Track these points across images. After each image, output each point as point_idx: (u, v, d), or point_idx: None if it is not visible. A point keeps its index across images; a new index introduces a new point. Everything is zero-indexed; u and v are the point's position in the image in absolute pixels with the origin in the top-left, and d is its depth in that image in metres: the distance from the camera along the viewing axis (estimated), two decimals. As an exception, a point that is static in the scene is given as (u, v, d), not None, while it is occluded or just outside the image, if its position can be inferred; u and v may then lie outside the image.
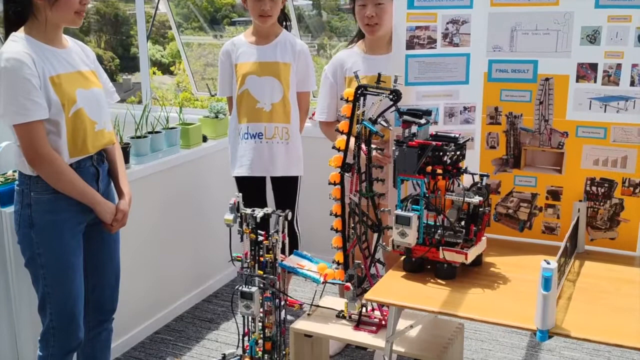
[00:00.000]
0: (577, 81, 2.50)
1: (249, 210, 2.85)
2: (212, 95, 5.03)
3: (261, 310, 2.86)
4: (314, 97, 3.90)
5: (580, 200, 2.54)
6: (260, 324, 2.90)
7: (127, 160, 3.22)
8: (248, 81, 3.41)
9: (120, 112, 3.22)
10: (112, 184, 2.53)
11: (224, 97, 3.60)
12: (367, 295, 2.26)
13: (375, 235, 2.62)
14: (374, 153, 2.56)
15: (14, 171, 2.49)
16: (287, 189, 3.51)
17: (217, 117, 3.92)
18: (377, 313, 2.73)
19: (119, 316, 3.17)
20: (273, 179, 3.53)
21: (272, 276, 2.83)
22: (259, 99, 3.40)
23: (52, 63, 2.25)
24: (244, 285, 2.80)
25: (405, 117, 2.36)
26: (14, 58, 2.16)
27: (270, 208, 2.88)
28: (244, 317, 2.91)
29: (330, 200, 2.69)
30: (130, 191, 2.54)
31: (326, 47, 8.84)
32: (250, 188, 3.46)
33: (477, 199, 2.28)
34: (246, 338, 2.94)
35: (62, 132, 2.27)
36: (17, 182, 2.37)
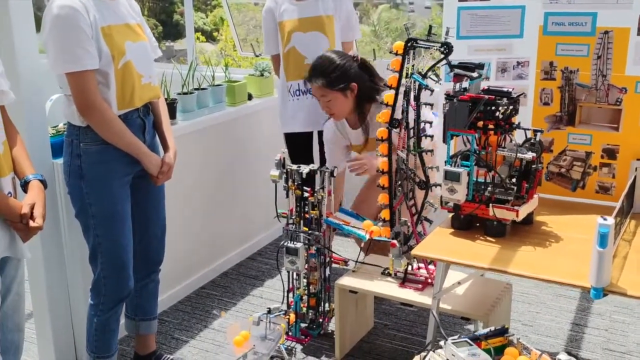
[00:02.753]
0: (638, 34, 2.39)
1: (294, 166, 2.84)
2: (257, 56, 5.00)
3: (306, 266, 2.87)
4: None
5: (638, 159, 2.45)
6: (305, 280, 2.92)
7: (173, 116, 3.23)
8: (294, 38, 3.40)
9: (167, 71, 3.22)
10: (158, 137, 2.54)
11: (270, 55, 3.59)
12: (414, 251, 2.24)
13: (423, 192, 2.59)
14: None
15: (65, 124, 2.51)
16: None
17: (262, 75, 3.89)
18: (422, 271, 2.71)
19: (165, 271, 3.22)
20: (321, 133, 3.52)
21: (317, 232, 2.83)
22: (306, 55, 3.38)
23: (103, 13, 2.25)
24: (289, 242, 2.81)
25: (457, 71, 2.30)
26: (68, 5, 2.15)
27: (316, 164, 2.87)
28: (288, 273, 2.94)
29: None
30: (175, 145, 2.55)
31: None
32: (300, 144, 3.49)
33: (530, 155, 2.21)
34: (290, 294, 2.96)
35: (111, 84, 2.26)
36: (66, 133, 2.39)
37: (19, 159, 1.98)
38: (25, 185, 1.97)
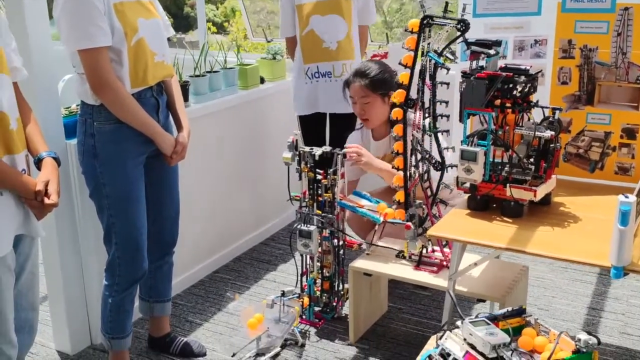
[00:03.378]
0: (660, 10, 2.33)
1: (307, 149, 2.81)
2: (268, 41, 4.97)
3: (319, 249, 2.85)
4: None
5: (659, 139, 2.40)
6: (318, 263, 2.89)
7: (186, 99, 3.21)
8: (312, 21, 3.39)
9: (179, 56, 3.20)
10: (171, 117, 2.52)
11: (285, 37, 3.57)
12: (430, 232, 2.21)
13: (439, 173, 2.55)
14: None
15: (78, 105, 2.49)
16: (347, 125, 3.49)
17: (274, 58, 3.86)
18: (438, 254, 2.68)
19: (178, 254, 3.21)
20: (333, 115, 3.52)
21: (330, 215, 2.80)
22: (324, 39, 3.39)
23: None
24: (302, 224, 2.79)
25: (474, 48, 2.26)
26: None
27: (329, 147, 2.84)
28: (302, 256, 2.91)
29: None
30: (189, 125, 2.52)
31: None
32: (314, 126, 3.50)
33: (548, 133, 2.17)
34: (304, 278, 2.94)
35: (124, 62, 2.24)
36: (79, 113, 2.36)
37: (33, 137, 1.96)
38: (38, 163, 1.95)
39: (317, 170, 2.81)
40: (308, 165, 2.80)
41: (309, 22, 3.39)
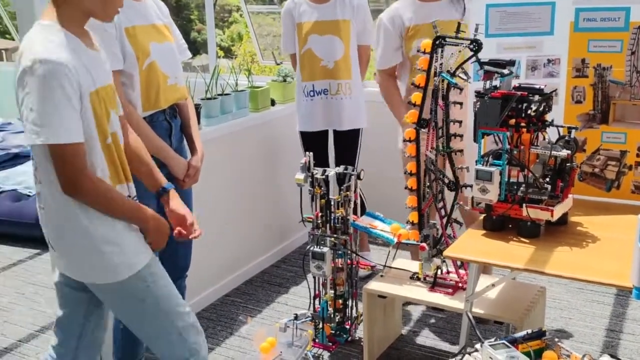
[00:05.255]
0: (674, 28, 2.33)
1: (319, 170, 2.80)
2: (278, 64, 5.00)
3: (332, 264, 2.81)
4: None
5: (676, 157, 2.38)
6: (331, 282, 2.86)
7: (198, 122, 3.21)
8: (310, 40, 3.44)
9: (190, 80, 3.22)
10: (185, 140, 2.52)
11: (288, 54, 3.63)
12: (446, 252, 2.19)
13: (453, 193, 2.54)
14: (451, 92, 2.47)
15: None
16: (350, 142, 3.55)
17: (285, 80, 3.88)
18: (453, 275, 2.65)
19: (189, 278, 3.19)
20: (336, 133, 3.56)
21: (343, 236, 2.78)
22: (322, 57, 3.44)
23: (128, 14, 2.23)
24: (315, 246, 2.77)
25: (487, 67, 2.26)
26: None
27: (341, 167, 2.83)
28: (314, 278, 2.89)
29: (393, 161, 2.62)
30: (203, 148, 2.52)
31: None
32: (315, 143, 3.54)
33: (564, 152, 2.16)
34: (317, 300, 2.91)
35: (136, 85, 2.25)
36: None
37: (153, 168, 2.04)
38: (164, 194, 2.04)
39: (330, 196, 2.79)
40: (321, 188, 2.79)
41: (307, 41, 3.44)
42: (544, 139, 2.26)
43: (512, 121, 2.20)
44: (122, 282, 1.84)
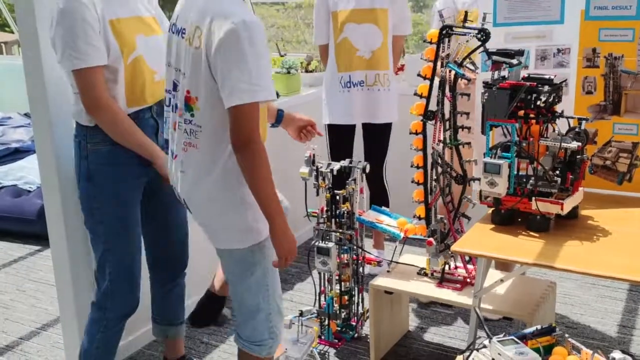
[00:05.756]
0: (687, 16, 2.31)
1: (324, 164, 2.80)
2: (282, 56, 4.98)
3: (337, 259, 2.81)
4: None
5: (689, 149, 2.37)
6: (337, 277, 2.87)
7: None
8: (347, 29, 3.39)
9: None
10: None
11: (319, 45, 3.57)
12: (453, 247, 2.18)
13: (460, 187, 2.53)
14: (459, 83, 2.45)
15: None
16: (382, 136, 3.50)
17: (289, 72, 3.87)
18: (461, 271, 2.65)
19: (192, 274, 3.18)
20: (368, 126, 3.50)
21: (349, 231, 2.78)
22: (358, 47, 3.38)
23: (112, 5, 2.15)
24: (320, 241, 2.77)
25: (495, 58, 2.25)
26: None
27: (347, 160, 2.83)
28: (320, 274, 2.89)
29: (411, 151, 2.61)
30: None
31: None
32: (344, 136, 3.49)
33: (575, 144, 2.15)
34: (322, 296, 2.92)
35: (120, 80, 2.18)
36: (74, 134, 2.29)
37: None
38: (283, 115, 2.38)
39: (335, 190, 2.79)
40: (326, 181, 2.79)
41: (344, 30, 3.38)
42: (554, 130, 2.25)
43: (521, 112, 2.19)
44: (244, 250, 2.00)
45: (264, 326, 2.10)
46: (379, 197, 3.50)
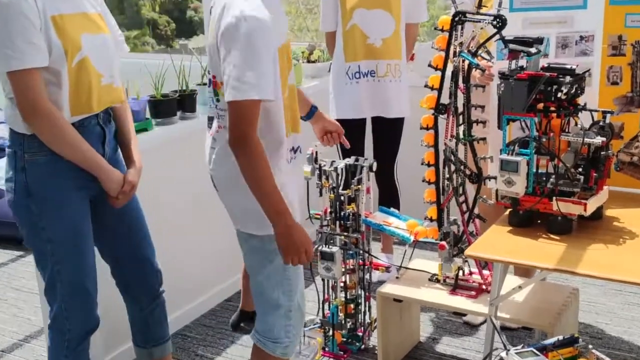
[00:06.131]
0: None
1: (327, 162, 2.80)
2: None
3: (342, 265, 2.81)
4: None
5: None
6: (341, 284, 2.87)
7: (193, 110, 3.23)
8: (356, 15, 3.36)
9: (185, 63, 3.22)
10: (120, 150, 2.37)
11: (326, 31, 3.55)
12: (467, 251, 2.19)
13: (475, 186, 2.53)
14: (473, 73, 2.45)
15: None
16: (393, 132, 3.48)
17: (289, 63, 3.87)
18: (476, 277, 2.65)
19: (186, 282, 3.21)
20: (378, 121, 3.48)
21: (355, 234, 2.78)
22: (369, 34, 3.36)
23: (55, 0, 2.07)
24: (323, 245, 2.77)
25: (512, 46, 2.24)
26: None
27: (352, 158, 2.83)
28: (323, 281, 2.89)
29: (422, 148, 2.62)
30: (141, 161, 2.36)
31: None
32: (352, 132, 3.45)
33: (599, 140, 2.15)
34: (326, 305, 2.92)
35: (64, 84, 2.09)
36: (8, 143, 2.18)
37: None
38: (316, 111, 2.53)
39: (340, 191, 2.79)
40: (329, 181, 2.79)
41: (353, 16, 3.36)
42: (576, 124, 2.25)
43: (541, 105, 2.19)
44: (263, 237, 2.09)
45: (282, 323, 2.16)
46: (389, 197, 3.49)
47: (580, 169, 2.21)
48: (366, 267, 2.87)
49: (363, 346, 2.95)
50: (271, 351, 2.18)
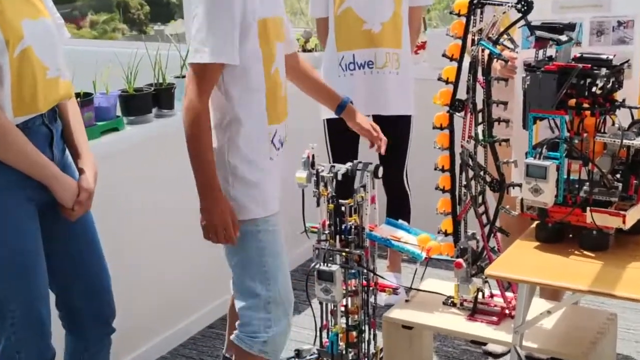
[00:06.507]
0: None
1: (326, 167, 2.80)
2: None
3: (343, 288, 2.81)
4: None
5: None
6: (342, 309, 2.86)
7: (170, 106, 3.23)
8: None
9: (162, 52, 3.23)
10: (69, 152, 2.36)
11: (316, 17, 3.57)
12: (488, 270, 2.19)
13: (496, 195, 2.54)
14: (494, 65, 2.46)
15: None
16: (397, 133, 3.47)
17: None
18: (498, 299, 2.65)
19: (160, 306, 3.21)
20: (377, 119, 3.46)
21: (357, 250, 2.78)
22: (365, 19, 3.38)
23: None
24: (321, 264, 2.77)
25: (540, 33, 2.25)
26: None
27: (355, 162, 2.83)
28: (321, 304, 2.89)
29: (435, 151, 2.62)
30: (95, 163, 2.36)
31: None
32: (346, 134, 3.45)
33: (639, 141, 2.15)
34: (325, 332, 2.92)
35: (5, 80, 2.07)
36: None
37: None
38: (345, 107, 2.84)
39: (340, 200, 2.79)
40: (328, 188, 2.79)
41: None
42: (613, 124, 2.25)
43: (573, 102, 2.19)
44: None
45: (260, 316, 2.39)
46: (398, 207, 3.51)
47: (618, 175, 2.21)
48: (371, 288, 2.86)
49: (367, 380, 2.95)
50: (248, 347, 2.37)
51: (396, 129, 3.46)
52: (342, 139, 3.47)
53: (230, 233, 2.34)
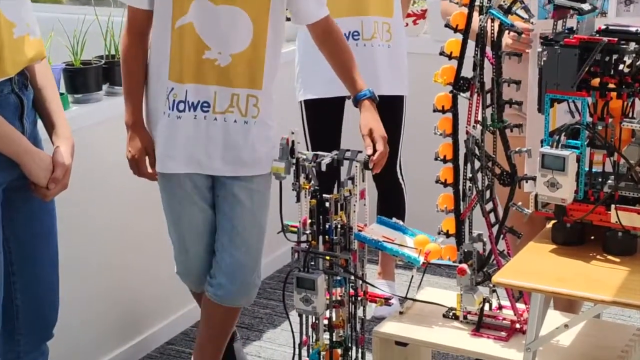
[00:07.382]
0: None
1: (309, 155, 2.81)
2: None
3: (327, 298, 2.82)
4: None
5: None
6: (325, 322, 2.88)
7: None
8: None
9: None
10: (42, 122, 2.42)
11: None
12: (496, 278, 2.21)
13: (506, 190, 2.55)
14: (505, 37, 2.46)
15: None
16: (389, 116, 3.46)
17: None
18: (507, 312, 2.67)
19: (114, 318, 3.22)
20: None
21: (344, 254, 2.80)
22: None
23: None
24: (301, 269, 2.78)
25: (559, 1, 2.27)
26: None
27: (342, 150, 2.84)
28: (301, 317, 2.90)
29: (436, 138, 2.63)
30: (71, 135, 2.41)
31: None
32: (326, 117, 3.46)
33: (673, 128, 2.18)
34: (305, 349, 2.93)
35: None
36: None
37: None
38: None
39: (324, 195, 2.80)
40: (310, 180, 2.80)
41: None
42: (643, 107, 2.28)
43: (596, 81, 2.21)
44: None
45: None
46: (391, 204, 3.52)
47: (648, 167, 2.24)
48: (359, 298, 2.88)
49: (354, 405, 2.97)
50: None
51: (387, 112, 3.45)
52: (322, 123, 3.46)
53: (141, 169, 2.91)
